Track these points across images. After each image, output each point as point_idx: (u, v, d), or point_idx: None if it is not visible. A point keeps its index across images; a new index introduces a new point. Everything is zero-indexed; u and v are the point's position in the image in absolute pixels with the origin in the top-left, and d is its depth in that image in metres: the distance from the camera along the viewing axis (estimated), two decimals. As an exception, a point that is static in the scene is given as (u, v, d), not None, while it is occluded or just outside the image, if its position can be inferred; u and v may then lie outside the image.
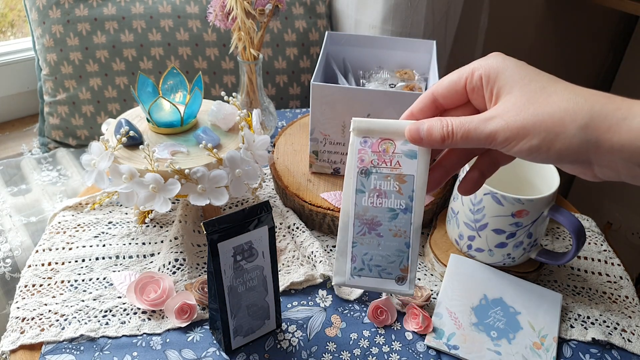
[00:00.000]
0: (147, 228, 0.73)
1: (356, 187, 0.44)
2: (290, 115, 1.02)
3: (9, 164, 1.03)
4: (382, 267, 0.44)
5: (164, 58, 1.06)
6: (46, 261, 0.67)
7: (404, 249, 0.44)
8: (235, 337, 0.56)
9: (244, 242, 0.51)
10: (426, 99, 0.40)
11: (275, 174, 0.77)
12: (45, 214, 0.90)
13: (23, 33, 1.28)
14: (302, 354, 0.58)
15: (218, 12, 0.78)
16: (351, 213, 0.44)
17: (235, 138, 0.69)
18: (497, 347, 0.58)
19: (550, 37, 1.52)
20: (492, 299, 0.63)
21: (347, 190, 0.44)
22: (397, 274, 0.44)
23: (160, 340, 0.59)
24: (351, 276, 0.45)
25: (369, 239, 0.44)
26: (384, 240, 0.44)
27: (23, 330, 0.59)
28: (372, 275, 0.45)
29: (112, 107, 1.07)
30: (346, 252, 0.45)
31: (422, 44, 0.82)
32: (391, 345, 0.59)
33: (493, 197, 0.60)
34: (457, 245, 0.68)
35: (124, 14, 1.04)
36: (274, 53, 1.13)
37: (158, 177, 0.61)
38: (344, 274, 0.45)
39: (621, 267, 0.71)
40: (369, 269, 0.45)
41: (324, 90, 0.69)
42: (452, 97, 0.39)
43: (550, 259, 0.64)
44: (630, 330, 0.62)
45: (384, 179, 0.43)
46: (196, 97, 0.68)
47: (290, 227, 0.73)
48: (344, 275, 0.45)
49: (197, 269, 0.67)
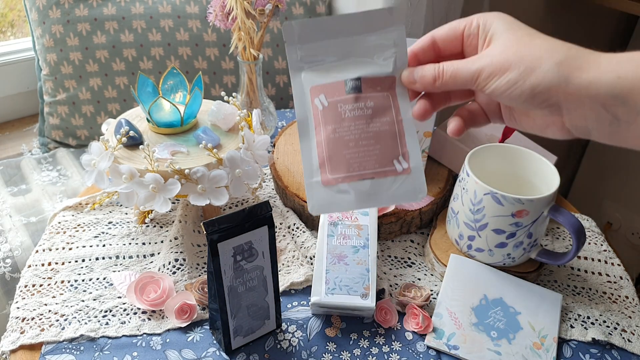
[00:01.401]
0: (147, 228, 0.73)
1: (327, 232, 0.63)
2: (290, 115, 1.02)
3: (9, 164, 1.03)
4: (350, 286, 0.59)
5: (164, 58, 1.06)
6: (46, 261, 0.67)
7: (365, 273, 0.60)
8: (235, 337, 0.56)
9: (244, 242, 0.51)
10: (426, 40, 0.42)
11: (275, 174, 0.77)
12: (45, 214, 0.90)
13: (23, 33, 1.28)
14: (302, 354, 0.58)
15: (218, 12, 0.78)
16: (324, 250, 0.62)
17: (235, 138, 0.69)
18: (497, 347, 0.58)
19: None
20: (492, 299, 0.63)
21: (321, 235, 0.63)
22: (362, 291, 0.59)
23: (160, 340, 0.59)
24: (325, 294, 0.58)
25: (338, 267, 0.60)
26: (350, 268, 0.61)
27: (23, 330, 0.59)
28: (342, 293, 0.59)
29: (112, 107, 1.07)
30: (322, 277, 0.60)
31: (422, 44, 0.82)
32: (391, 345, 0.59)
33: (493, 197, 0.60)
34: (457, 245, 0.68)
35: (124, 14, 1.04)
36: (274, 53, 1.13)
37: (158, 177, 0.61)
38: (320, 293, 0.58)
39: (621, 267, 0.71)
40: (339, 288, 0.59)
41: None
42: (450, 41, 0.41)
43: (550, 259, 0.64)
44: (630, 330, 0.62)
45: (347, 227, 0.64)
46: (196, 97, 0.68)
47: (290, 227, 0.73)
48: (320, 295, 0.58)
49: (197, 269, 0.67)
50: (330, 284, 0.59)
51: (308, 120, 0.42)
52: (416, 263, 0.70)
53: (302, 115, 0.42)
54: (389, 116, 0.41)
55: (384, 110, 0.41)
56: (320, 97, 0.41)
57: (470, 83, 0.39)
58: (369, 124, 0.41)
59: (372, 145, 0.41)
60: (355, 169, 0.41)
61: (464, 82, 0.39)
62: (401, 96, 0.42)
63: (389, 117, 0.41)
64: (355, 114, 0.41)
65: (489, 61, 0.37)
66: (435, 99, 0.43)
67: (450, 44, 0.42)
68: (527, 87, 0.36)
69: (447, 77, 0.39)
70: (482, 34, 0.39)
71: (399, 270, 0.69)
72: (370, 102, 0.41)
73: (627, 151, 1.73)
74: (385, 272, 0.68)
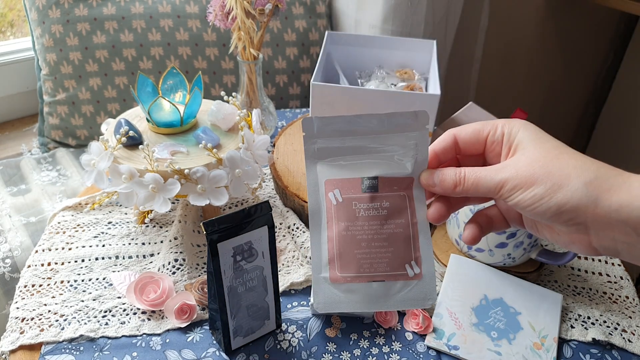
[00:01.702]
0: (146, 228, 0.73)
1: None
2: (290, 115, 1.02)
3: (8, 164, 1.03)
4: None
5: (164, 58, 1.06)
6: (46, 261, 0.67)
7: None
8: (235, 337, 0.56)
9: (244, 242, 0.51)
10: (448, 139, 0.41)
11: (275, 174, 0.77)
12: (44, 214, 0.90)
13: (23, 33, 1.28)
14: (302, 354, 0.58)
15: (218, 12, 0.78)
16: None
17: (235, 138, 0.69)
18: (497, 348, 0.58)
19: (550, 37, 1.52)
20: (493, 299, 0.63)
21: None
22: None
23: (160, 340, 0.58)
24: None
25: None
26: None
27: (23, 330, 0.59)
28: None
29: (112, 107, 1.07)
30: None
31: (422, 44, 0.82)
32: (391, 345, 0.59)
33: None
34: (457, 246, 0.68)
35: (123, 13, 1.04)
36: (274, 53, 1.13)
37: (158, 177, 0.61)
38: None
39: (621, 267, 0.71)
40: None
41: (324, 90, 0.69)
42: (473, 144, 0.40)
43: (550, 259, 0.64)
44: (630, 330, 0.62)
45: None
46: (196, 97, 0.68)
47: (290, 227, 0.73)
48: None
49: (197, 269, 0.67)
50: None
51: (321, 213, 0.41)
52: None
53: (314, 206, 0.41)
54: (404, 218, 0.40)
55: (400, 211, 0.40)
56: (335, 191, 0.41)
57: (492, 193, 0.37)
58: (383, 225, 0.40)
59: (385, 247, 0.40)
60: (366, 270, 0.40)
61: (486, 191, 0.38)
62: (417, 197, 0.41)
63: (404, 219, 0.40)
64: (370, 214, 0.40)
65: (514, 173, 0.36)
66: (452, 201, 0.42)
67: (472, 146, 0.41)
68: (554, 204, 0.35)
69: (468, 185, 0.38)
70: (507, 142, 0.38)
71: (399, 270, 0.69)
72: (386, 202, 0.40)
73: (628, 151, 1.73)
74: (385, 272, 0.68)
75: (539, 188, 0.35)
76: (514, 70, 1.55)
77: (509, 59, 1.50)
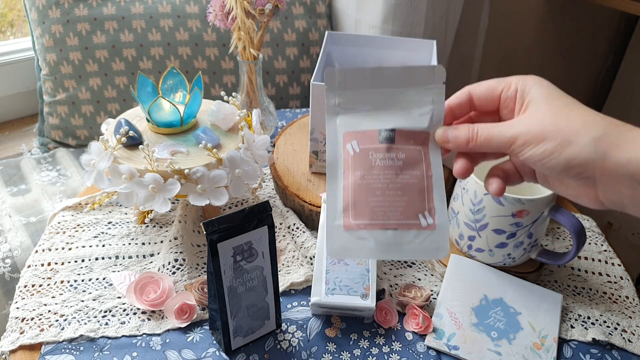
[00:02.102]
0: (146, 228, 0.73)
1: None
2: (290, 115, 1.02)
3: (8, 164, 1.03)
4: (350, 286, 0.58)
5: (164, 58, 1.06)
6: (46, 261, 0.67)
7: (365, 273, 0.59)
8: (235, 337, 0.56)
9: (244, 242, 0.51)
10: (463, 95, 0.42)
11: (275, 174, 0.77)
12: (44, 214, 0.90)
13: (23, 33, 1.28)
14: (302, 354, 0.58)
15: (218, 12, 0.78)
16: (324, 250, 0.56)
17: (235, 138, 0.69)
18: (497, 348, 0.58)
19: (550, 37, 1.52)
20: (493, 299, 0.63)
21: (321, 235, 0.62)
22: (362, 291, 0.58)
23: (160, 340, 0.58)
24: (326, 294, 0.58)
25: (338, 267, 0.60)
26: (350, 268, 0.60)
27: (23, 330, 0.59)
28: (342, 293, 0.58)
29: (112, 107, 1.07)
30: (321, 278, 0.59)
31: (422, 43, 0.82)
32: (391, 345, 0.59)
33: (493, 197, 0.60)
34: (457, 246, 0.68)
35: (123, 13, 1.04)
36: (274, 53, 1.12)
37: (158, 177, 0.61)
38: (320, 293, 0.58)
39: (621, 267, 0.71)
40: (339, 289, 0.58)
41: (324, 90, 0.69)
42: (487, 100, 0.41)
43: (550, 259, 0.64)
44: (630, 330, 0.62)
45: None
46: (196, 97, 0.68)
47: (290, 227, 0.73)
48: (320, 295, 0.58)
49: (196, 269, 0.67)
50: (330, 284, 0.59)
51: (338, 164, 0.42)
52: (416, 263, 0.70)
53: (332, 158, 0.42)
54: (419, 170, 0.41)
55: (415, 163, 0.41)
56: (352, 142, 0.41)
57: (504, 148, 0.38)
58: (398, 175, 0.41)
59: (399, 196, 0.40)
60: (379, 218, 0.40)
61: (498, 147, 0.39)
62: (433, 152, 0.42)
63: (419, 171, 0.41)
64: (386, 164, 0.41)
65: (524, 129, 0.37)
66: (472, 156, 0.43)
67: (486, 103, 0.41)
68: (563, 160, 0.36)
69: (480, 140, 0.39)
70: (520, 98, 0.39)
71: (399, 270, 0.69)
72: (402, 154, 0.41)
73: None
74: (385, 272, 0.68)
75: (549, 144, 0.36)
76: (514, 70, 1.55)
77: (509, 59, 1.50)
